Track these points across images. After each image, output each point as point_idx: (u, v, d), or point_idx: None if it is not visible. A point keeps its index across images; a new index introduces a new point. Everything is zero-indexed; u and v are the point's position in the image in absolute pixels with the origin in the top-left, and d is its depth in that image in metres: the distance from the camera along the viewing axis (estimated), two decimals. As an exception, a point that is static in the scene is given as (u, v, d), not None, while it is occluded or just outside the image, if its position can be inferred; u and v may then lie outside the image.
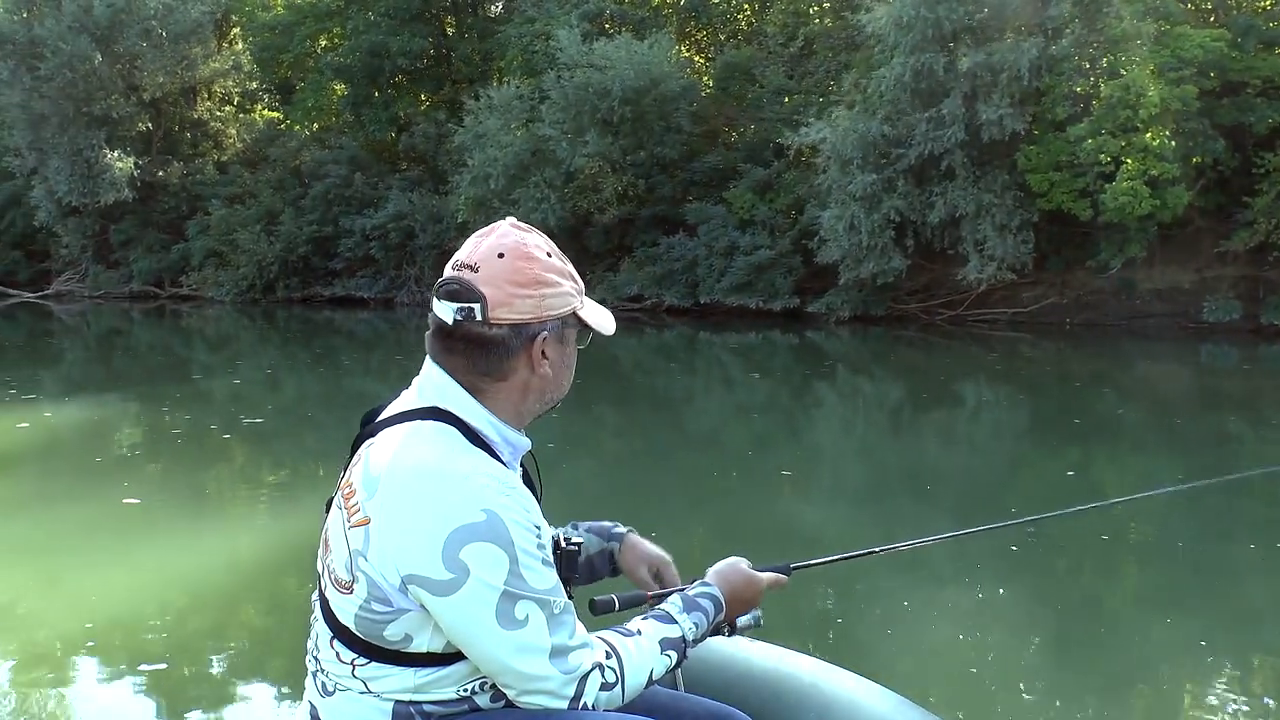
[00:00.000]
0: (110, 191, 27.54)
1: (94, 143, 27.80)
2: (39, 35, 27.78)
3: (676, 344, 19.23)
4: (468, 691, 1.48)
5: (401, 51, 26.00)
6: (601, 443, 9.48)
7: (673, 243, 21.60)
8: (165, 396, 12.13)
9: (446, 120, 26.00)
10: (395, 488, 1.41)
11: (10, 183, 31.60)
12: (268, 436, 9.69)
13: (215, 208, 27.37)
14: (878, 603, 4.57)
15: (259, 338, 22.36)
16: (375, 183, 26.35)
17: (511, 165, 21.58)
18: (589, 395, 12.94)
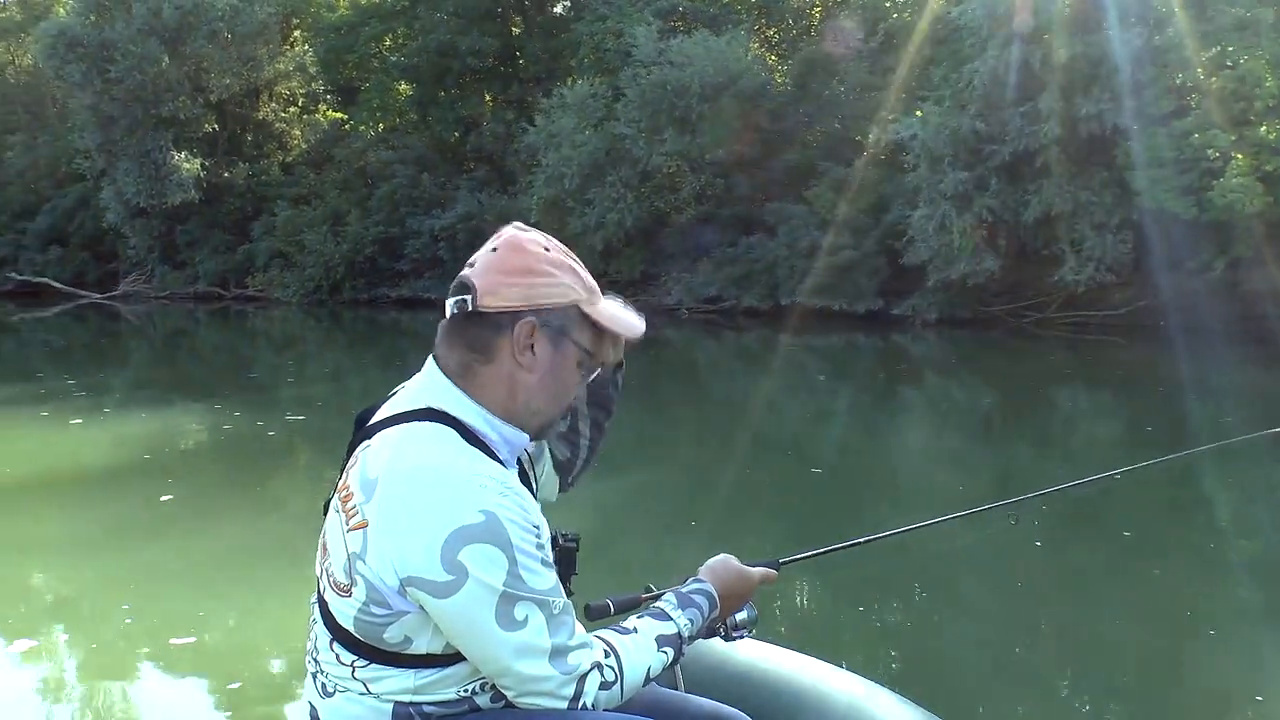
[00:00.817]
0: (177, 193, 27.56)
1: (161, 144, 27.86)
2: (109, 38, 27.89)
3: (756, 347, 18.74)
4: (468, 692, 1.48)
5: (470, 51, 25.74)
6: (677, 447, 9.27)
7: (751, 243, 21.07)
8: (222, 395, 12.10)
9: (514, 120, 25.66)
10: (393, 490, 1.40)
11: (79, 185, 31.81)
12: (317, 435, 9.50)
13: (281, 209, 27.25)
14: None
15: (324, 339, 22.15)
16: (443, 183, 26.10)
17: (586, 165, 21.16)
18: (664, 398, 12.65)
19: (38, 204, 32.96)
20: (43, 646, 4.09)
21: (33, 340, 22.10)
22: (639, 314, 1.60)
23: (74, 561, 5.35)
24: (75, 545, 5.67)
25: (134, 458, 8.25)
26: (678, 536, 5.86)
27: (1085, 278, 18.05)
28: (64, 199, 32.29)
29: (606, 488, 7.83)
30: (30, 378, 14.65)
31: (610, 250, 21.75)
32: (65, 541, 5.79)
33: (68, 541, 5.78)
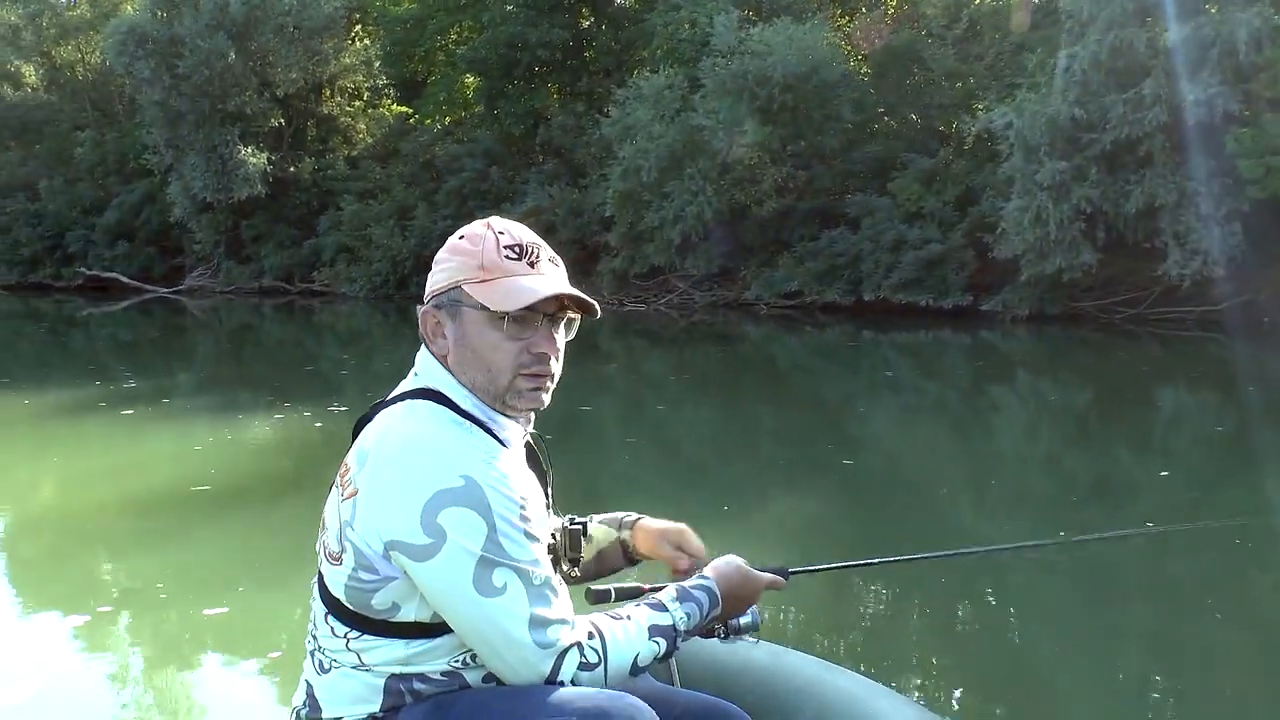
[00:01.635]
0: (244, 187, 27.47)
1: (228, 139, 27.78)
2: (177, 34, 27.91)
3: (838, 343, 18.10)
4: (458, 664, 1.48)
5: (540, 43, 25.33)
6: (757, 445, 8.90)
7: (834, 237, 20.41)
8: (279, 389, 12.01)
9: (584, 112, 25.18)
10: (380, 458, 1.44)
11: (146, 180, 31.87)
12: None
13: (347, 203, 27.04)
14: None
15: (391, 333, 21.79)
16: (511, 176, 25.72)
17: (664, 157, 20.62)
18: (744, 395, 12.20)
19: (106, 199, 33.09)
20: (93, 620, 4.18)
21: (100, 334, 22.06)
22: (533, 290, 1.53)
23: (119, 542, 5.59)
24: (118, 528, 5.90)
25: (182, 447, 8.25)
26: (726, 532, 5.61)
27: (1191, 271, 17.20)
28: (131, 194, 32.37)
29: (670, 478, 7.55)
30: (95, 371, 14.57)
31: (687, 244, 21.21)
32: (112, 524, 6.02)
33: (114, 524, 6.02)
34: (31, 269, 34.25)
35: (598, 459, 8.32)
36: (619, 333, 19.82)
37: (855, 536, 5.81)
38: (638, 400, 11.94)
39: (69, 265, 33.40)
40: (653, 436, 9.45)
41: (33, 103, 38.60)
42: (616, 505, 5.13)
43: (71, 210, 33.62)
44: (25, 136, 37.62)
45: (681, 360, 16.10)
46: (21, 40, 38.21)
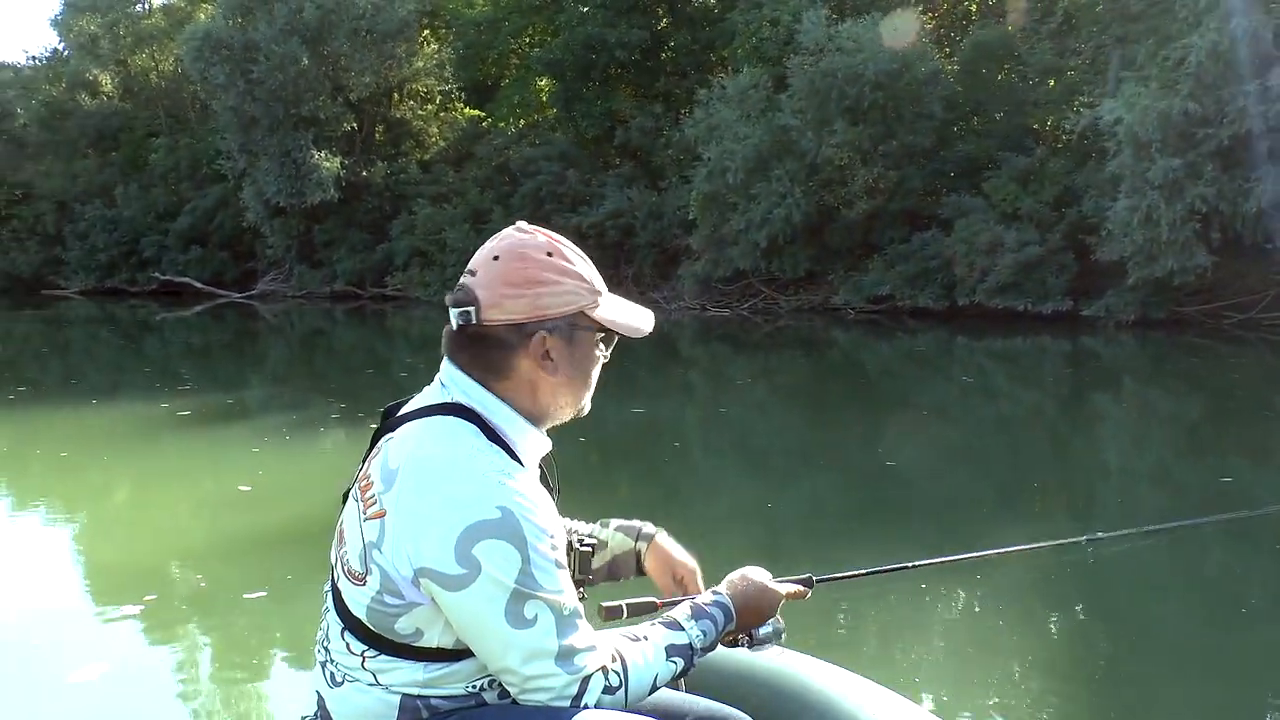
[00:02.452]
0: (317, 192, 27.37)
1: (301, 143, 27.73)
2: (252, 39, 27.95)
3: (930, 349, 17.36)
4: (476, 688, 1.48)
5: (619, 44, 24.90)
6: (847, 452, 8.60)
7: (926, 239, 19.69)
8: (342, 392, 11.98)
9: (662, 114, 24.67)
10: (411, 481, 1.41)
11: (219, 186, 31.99)
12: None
13: (420, 207, 26.77)
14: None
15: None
16: (588, 179, 25.25)
17: (750, 158, 20.01)
18: (832, 402, 11.67)
19: (179, 205, 33.33)
20: (146, 608, 4.43)
21: (173, 339, 22.07)
22: (645, 312, 1.59)
23: (167, 537, 5.89)
24: (168, 524, 6.21)
25: (238, 449, 8.31)
26: (811, 539, 5.70)
27: (1318, 274, 16.21)
28: (204, 199, 32.54)
29: (753, 486, 7.30)
30: (164, 375, 14.54)
31: (774, 247, 20.61)
32: (162, 520, 6.32)
33: (165, 520, 6.32)
34: (108, 274, 34.59)
35: (679, 466, 8.05)
36: (700, 338, 19.29)
37: (936, 547, 5.46)
38: (720, 406, 11.47)
39: (143, 270, 33.66)
40: (737, 444, 9.08)
41: (108, 110, 39.05)
42: (699, 514, 5.27)
43: (146, 216, 33.88)
44: (102, 144, 38.07)
45: (766, 366, 15.53)
46: (99, 49, 38.74)
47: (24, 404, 11.40)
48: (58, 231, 35.95)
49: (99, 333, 23.42)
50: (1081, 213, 18.41)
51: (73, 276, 35.48)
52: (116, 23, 38.80)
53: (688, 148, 23.81)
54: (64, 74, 40.09)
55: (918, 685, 3.59)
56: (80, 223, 34.99)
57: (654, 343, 14.43)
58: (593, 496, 6.55)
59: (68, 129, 38.47)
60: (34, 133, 38.95)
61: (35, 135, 38.87)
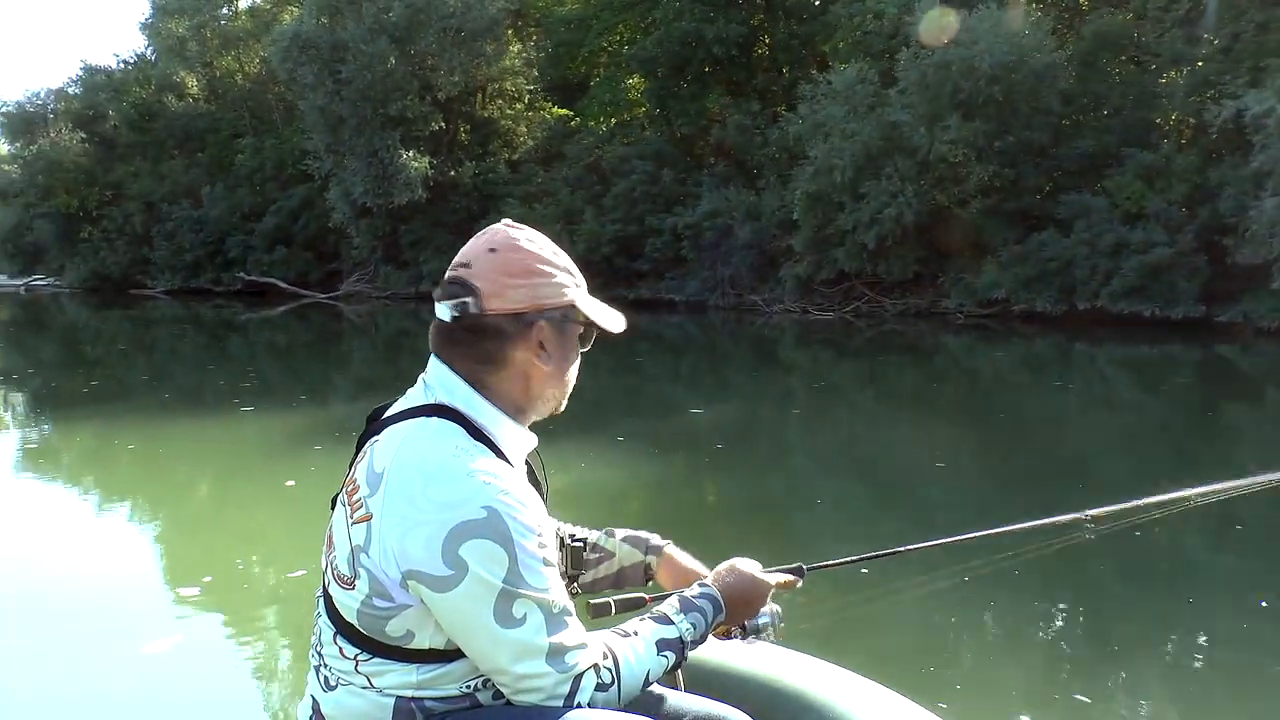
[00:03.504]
0: (404, 192, 27.31)
1: (389, 143, 27.71)
2: (340, 39, 28.02)
3: (1047, 356, 16.56)
4: (470, 688, 1.48)
5: (716, 39, 24.37)
6: (959, 462, 8.15)
7: (1043, 240, 18.91)
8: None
9: (759, 111, 24.11)
10: (397, 484, 1.41)
11: (304, 186, 32.18)
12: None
13: (511, 207, 26.53)
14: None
15: (555, 340, 21.07)
16: (682, 179, 24.81)
17: (859, 156, 19.36)
18: (942, 411, 11.00)
19: (264, 206, 33.63)
20: (205, 585, 4.79)
21: (258, 339, 22.12)
22: (616, 311, 1.64)
23: (220, 522, 6.28)
24: (220, 511, 6.64)
25: (289, 448, 8.53)
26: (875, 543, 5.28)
27: None
28: (289, 200, 32.78)
29: (859, 499, 7.05)
30: (241, 373, 14.52)
31: (881, 248, 19.95)
32: (215, 509, 6.79)
33: (217, 509, 6.78)
34: (193, 274, 35.07)
35: (781, 476, 7.67)
36: (801, 342, 18.75)
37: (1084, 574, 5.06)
38: (825, 414, 10.94)
39: (228, 270, 34.06)
40: (842, 455, 8.65)
41: (195, 112, 39.69)
42: (799, 526, 5.35)
43: (231, 216, 34.26)
44: (188, 145, 38.67)
45: (872, 372, 14.91)
46: (187, 51, 39.35)
47: (108, 399, 11.83)
48: (145, 232, 36.60)
49: (184, 332, 23.59)
50: (1217, 212, 17.49)
51: (159, 276, 36.08)
52: (204, 25, 39.41)
53: (786, 146, 23.29)
54: (153, 76, 40.85)
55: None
56: (167, 223, 35.54)
57: (751, 346, 13.85)
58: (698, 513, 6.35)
59: (156, 131, 39.18)
60: (124, 134, 39.77)
61: (125, 137, 39.69)
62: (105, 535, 5.89)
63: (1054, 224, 19.10)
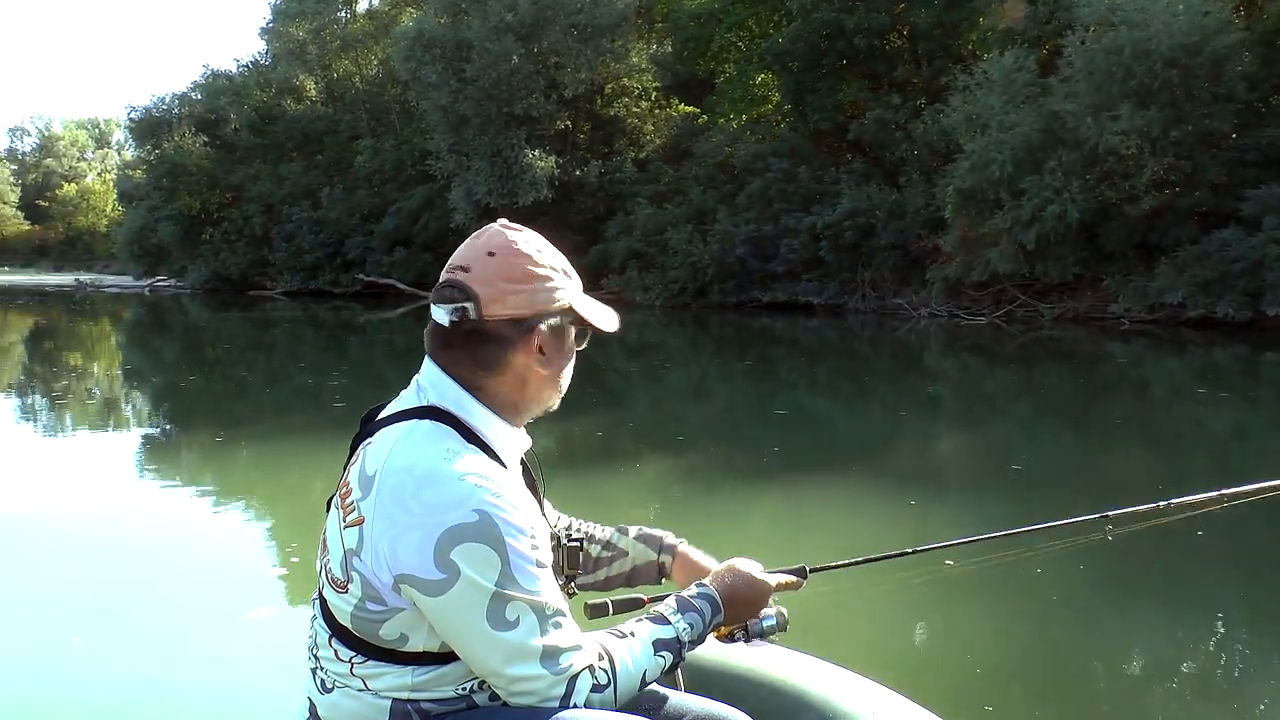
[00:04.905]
0: (530, 192, 27.35)
1: (514, 143, 27.81)
2: (465, 38, 28.24)
3: (1230, 367, 15.52)
4: (465, 690, 1.50)
5: (857, 29, 23.77)
6: (1124, 481, 7.40)
7: (1225, 239, 17.83)
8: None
9: (901, 104, 23.43)
10: (388, 487, 1.43)
11: (424, 187, 32.53)
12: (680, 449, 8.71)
13: (640, 207, 26.32)
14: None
15: (689, 344, 20.72)
16: (819, 176, 24.26)
17: (1019, 149, 18.54)
18: (1110, 426, 10.05)
19: (383, 207, 34.12)
20: (293, 565, 5.08)
21: (376, 340, 22.27)
22: (611, 310, 1.64)
23: (304, 506, 6.33)
24: (305, 497, 6.70)
25: None
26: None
27: None
28: (409, 201, 33.17)
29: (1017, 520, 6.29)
30: (357, 374, 14.62)
31: (1040, 248, 19.10)
32: (301, 493, 6.92)
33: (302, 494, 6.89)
34: (312, 275, 35.80)
35: (933, 496, 7.03)
36: (949, 348, 18.04)
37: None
38: (976, 427, 10.23)
39: (347, 272, 34.66)
40: (996, 471, 7.87)
41: (313, 115, 40.67)
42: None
43: (351, 218, 34.86)
44: (307, 147, 39.63)
45: (1028, 382, 14.09)
46: (306, 54, 40.34)
47: (226, 399, 12.22)
48: (265, 233, 37.57)
49: (303, 333, 23.95)
50: None
51: (278, 278, 36.96)
52: (323, 29, 40.37)
53: (929, 141, 22.56)
54: (273, 80, 42.01)
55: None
56: (287, 225, 36.39)
57: (893, 352, 13.14)
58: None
59: (275, 133, 40.27)
60: (244, 137, 40.98)
61: (245, 140, 40.90)
62: (218, 524, 6.21)
63: (1237, 221, 18.01)
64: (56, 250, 79.00)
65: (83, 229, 78.85)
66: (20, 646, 4.04)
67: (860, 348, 18.71)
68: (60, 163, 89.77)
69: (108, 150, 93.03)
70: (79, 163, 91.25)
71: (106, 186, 77.13)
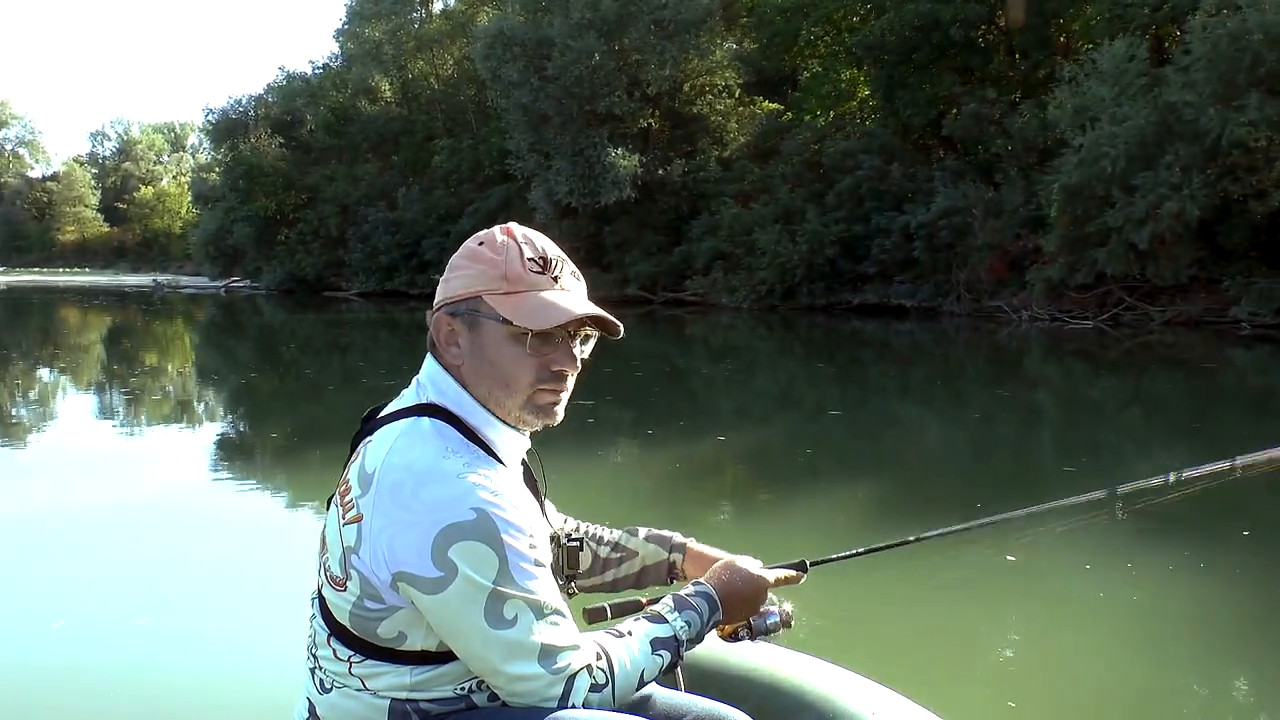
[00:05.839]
0: (612, 191, 27.13)
1: (595, 141, 27.60)
2: (546, 35, 28.14)
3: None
4: (464, 690, 1.51)
5: (955, 20, 23.16)
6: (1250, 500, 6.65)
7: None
8: (644, 405, 11.44)
9: (996, 99, 22.79)
10: (387, 485, 1.44)
11: (502, 187, 32.48)
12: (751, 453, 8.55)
13: (726, 206, 25.95)
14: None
15: (777, 348, 20.28)
16: (912, 174, 23.67)
17: (1132, 143, 17.82)
18: (1220, 430, 9.47)
19: (460, 207, 34.20)
20: None
21: None
22: (563, 310, 1.51)
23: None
24: None
25: None
26: None
27: None
28: (487, 201, 33.18)
29: None
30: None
31: (1153, 249, 18.37)
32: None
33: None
34: (387, 276, 36.01)
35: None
36: (1051, 353, 17.38)
37: None
38: (1082, 437, 9.57)
39: (423, 273, 34.72)
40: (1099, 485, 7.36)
41: (388, 115, 41.01)
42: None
43: (427, 218, 34.98)
44: (382, 148, 39.95)
45: (1138, 391, 13.44)
46: (382, 55, 40.69)
47: (300, 399, 12.38)
48: (340, 234, 37.87)
49: (378, 334, 23.98)
50: None
51: (353, 279, 37.22)
52: (399, 29, 40.71)
53: (1027, 135, 21.90)
54: (349, 80, 42.45)
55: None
56: (363, 226, 36.62)
57: (990, 356, 12.57)
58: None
59: (350, 134, 40.68)
60: (319, 138, 41.45)
61: (320, 141, 41.35)
62: (289, 522, 6.26)
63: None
64: (134, 251, 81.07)
65: (158, 231, 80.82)
66: (88, 624, 4.28)
67: (955, 352, 18.13)
68: (138, 166, 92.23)
69: (182, 154, 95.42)
70: (155, 166, 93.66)
71: (181, 189, 79.09)
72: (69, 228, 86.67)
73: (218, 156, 47.91)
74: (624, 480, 7.62)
